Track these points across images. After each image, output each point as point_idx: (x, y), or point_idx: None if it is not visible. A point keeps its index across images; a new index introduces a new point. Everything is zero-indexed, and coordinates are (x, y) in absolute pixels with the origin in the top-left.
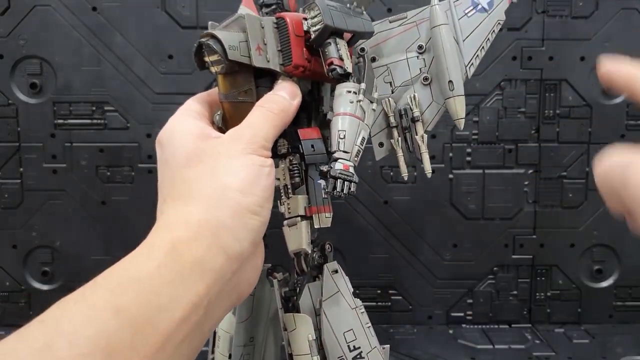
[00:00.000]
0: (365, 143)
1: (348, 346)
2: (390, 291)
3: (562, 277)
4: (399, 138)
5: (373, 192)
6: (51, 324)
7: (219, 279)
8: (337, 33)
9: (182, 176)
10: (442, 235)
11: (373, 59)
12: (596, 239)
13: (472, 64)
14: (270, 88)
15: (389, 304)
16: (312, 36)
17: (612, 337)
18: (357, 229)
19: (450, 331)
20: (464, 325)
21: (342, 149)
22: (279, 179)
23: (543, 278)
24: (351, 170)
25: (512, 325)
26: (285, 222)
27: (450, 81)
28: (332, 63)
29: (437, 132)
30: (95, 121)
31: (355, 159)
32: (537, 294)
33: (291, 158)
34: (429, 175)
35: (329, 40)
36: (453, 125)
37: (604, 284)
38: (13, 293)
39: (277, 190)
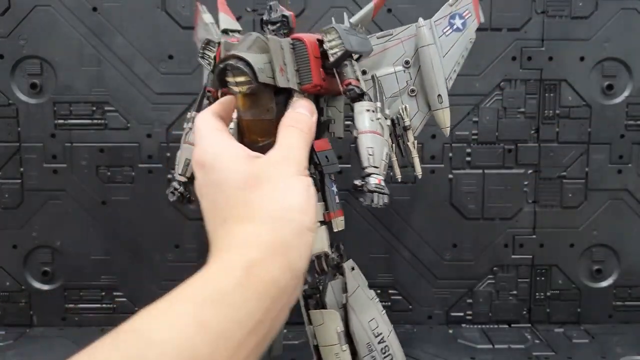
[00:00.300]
0: (388, 157)
1: (373, 333)
2: (390, 291)
3: (561, 277)
4: (392, 144)
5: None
6: (142, 334)
7: (285, 295)
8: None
9: (243, 198)
10: (442, 235)
11: (363, 72)
12: (596, 239)
13: (451, 77)
14: (284, 105)
15: (389, 304)
16: (331, 59)
17: (611, 337)
18: (357, 229)
19: (450, 331)
20: (463, 325)
21: (373, 165)
22: None
23: (543, 278)
24: (382, 183)
25: (512, 325)
26: None
27: (439, 95)
28: (350, 84)
29: (437, 132)
30: (95, 121)
31: (384, 172)
32: (537, 293)
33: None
34: (419, 177)
35: (345, 62)
36: (453, 125)
37: (604, 283)
38: (13, 293)
39: None
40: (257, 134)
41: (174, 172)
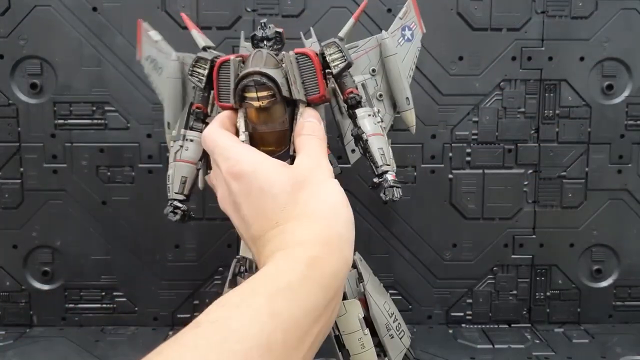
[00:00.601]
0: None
1: (388, 314)
2: (390, 291)
3: (561, 277)
4: None
5: (373, 192)
6: (223, 324)
7: (342, 284)
8: None
9: (293, 200)
10: (442, 235)
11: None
12: (596, 239)
13: (408, 81)
14: (291, 115)
15: None
16: (334, 70)
17: (611, 337)
18: (357, 229)
19: (450, 331)
20: (463, 325)
21: (386, 163)
22: None
23: (542, 278)
24: (396, 178)
25: (512, 325)
26: None
27: (407, 97)
28: (351, 92)
29: (436, 132)
30: (95, 121)
31: (394, 168)
32: (537, 293)
33: None
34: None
35: (345, 73)
36: (453, 125)
37: (604, 283)
38: (13, 293)
39: None
40: (273, 145)
41: (169, 192)
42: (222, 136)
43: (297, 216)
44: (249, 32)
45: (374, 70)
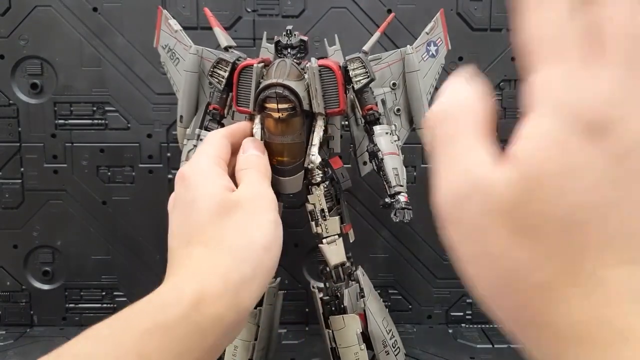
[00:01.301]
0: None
1: (386, 330)
2: (390, 291)
3: None
4: None
5: (373, 192)
6: None
7: (227, 331)
8: None
9: (214, 224)
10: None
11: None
12: None
13: (427, 98)
14: (308, 128)
15: (389, 303)
16: (356, 86)
17: None
18: (357, 229)
19: (450, 330)
20: (463, 325)
21: (400, 184)
22: (314, 204)
23: None
24: (408, 199)
25: None
26: (325, 241)
27: (425, 115)
28: (371, 109)
29: None
30: (96, 121)
31: (406, 189)
32: None
33: (325, 185)
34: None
35: (366, 89)
36: None
37: None
38: (14, 293)
39: (310, 213)
40: (287, 155)
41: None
42: (210, 143)
43: (208, 242)
44: (249, 32)
45: (394, 84)
